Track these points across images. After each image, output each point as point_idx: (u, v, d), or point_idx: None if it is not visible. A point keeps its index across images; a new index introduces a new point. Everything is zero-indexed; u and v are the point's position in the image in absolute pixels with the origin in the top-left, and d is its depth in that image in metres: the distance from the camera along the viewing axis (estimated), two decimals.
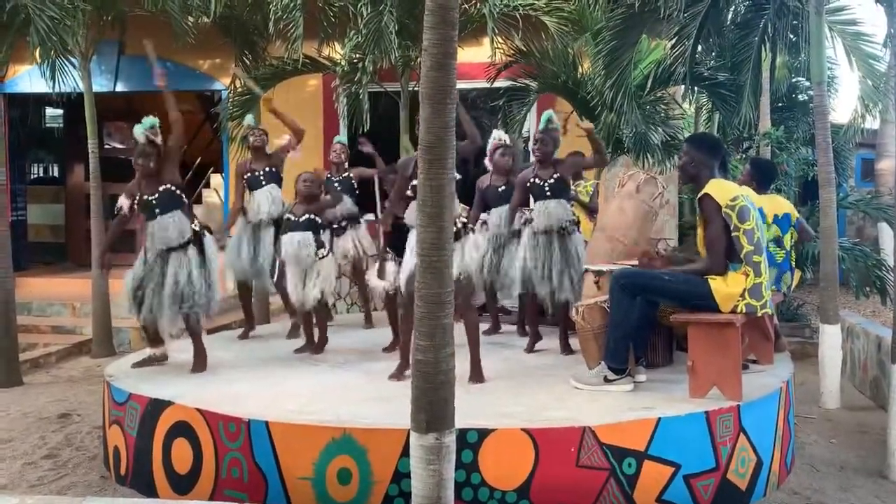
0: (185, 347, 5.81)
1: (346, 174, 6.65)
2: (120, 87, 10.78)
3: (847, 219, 13.61)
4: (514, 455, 3.76)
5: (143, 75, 10.65)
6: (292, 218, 5.41)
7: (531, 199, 5.68)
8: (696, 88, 8.32)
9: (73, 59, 7.58)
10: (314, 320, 5.62)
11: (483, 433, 3.75)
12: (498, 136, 5.91)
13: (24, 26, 6.48)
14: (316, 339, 5.61)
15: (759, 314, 4.24)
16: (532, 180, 5.46)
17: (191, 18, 8.14)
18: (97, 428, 5.72)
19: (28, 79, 10.49)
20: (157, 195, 5.00)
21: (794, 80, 11.77)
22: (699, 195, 4.21)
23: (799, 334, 8.41)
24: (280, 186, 6.31)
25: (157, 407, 4.34)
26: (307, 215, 5.40)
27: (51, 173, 15.13)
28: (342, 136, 7.41)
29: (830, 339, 6.25)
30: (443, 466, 3.30)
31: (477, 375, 4.65)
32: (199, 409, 4.14)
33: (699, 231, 4.31)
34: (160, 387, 4.59)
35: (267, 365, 5.29)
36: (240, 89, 8.15)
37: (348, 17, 7.49)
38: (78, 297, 9.68)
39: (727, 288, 4.14)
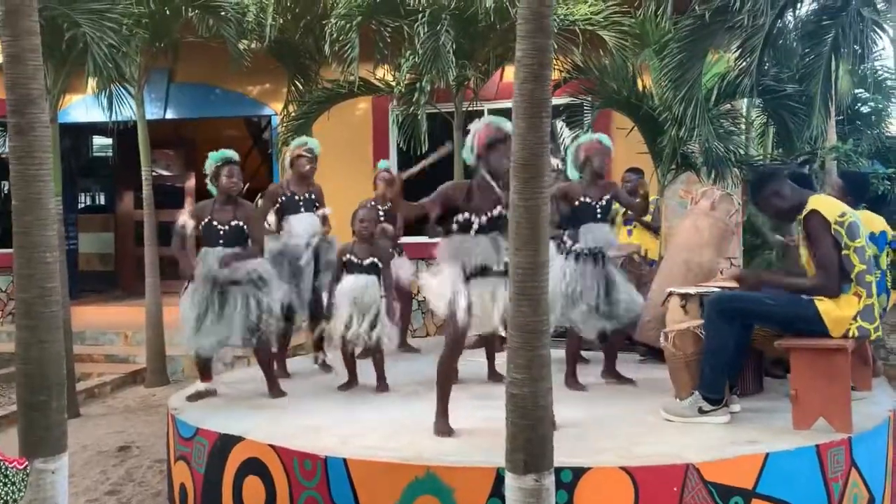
0: (239, 379, 5.68)
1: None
2: (170, 115, 10.79)
3: None
4: (613, 496, 3.49)
5: (192, 102, 10.73)
6: (354, 260, 5.16)
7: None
8: (760, 101, 8.04)
9: (127, 87, 7.55)
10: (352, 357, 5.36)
11: (578, 472, 3.48)
12: (595, 137, 5.40)
13: (81, 55, 6.44)
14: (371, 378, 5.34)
15: (873, 338, 3.93)
16: (582, 199, 5.12)
17: (243, 43, 8.07)
18: (158, 462, 5.57)
19: (80, 108, 10.54)
20: (228, 226, 4.91)
21: (855, 91, 11.39)
22: (805, 213, 3.92)
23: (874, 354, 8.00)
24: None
25: (226, 442, 4.14)
26: (371, 258, 5.16)
27: (98, 202, 15.25)
28: (386, 162, 7.20)
29: None
30: None
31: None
32: (272, 445, 3.94)
33: (803, 252, 4.01)
34: (229, 421, 4.40)
35: (335, 396, 5.08)
36: (294, 112, 8.03)
37: (403, 38, 7.35)
38: (130, 326, 9.63)
39: (838, 311, 3.83)
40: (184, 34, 8.20)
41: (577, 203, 5.07)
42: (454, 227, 4.07)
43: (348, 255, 5.16)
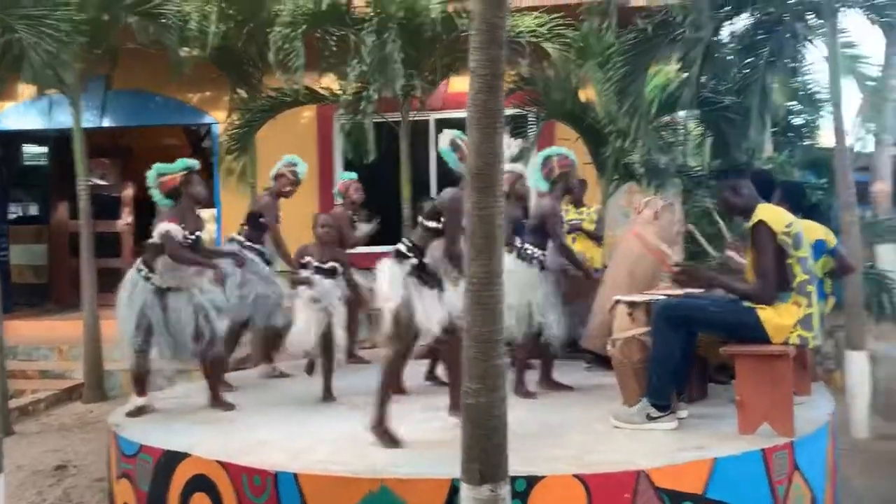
0: (181, 394, 5.56)
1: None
2: (107, 123, 10.50)
3: None
4: (566, 503, 3.50)
5: (130, 110, 10.47)
6: (314, 262, 5.13)
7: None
8: (698, 113, 8.23)
9: (65, 94, 7.33)
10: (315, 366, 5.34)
11: (532, 480, 3.49)
12: (562, 151, 5.50)
13: (16, 62, 6.23)
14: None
15: (811, 346, 4.04)
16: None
17: (184, 51, 7.92)
18: (98, 481, 5.40)
19: (12, 116, 10.19)
20: (197, 234, 4.83)
21: (788, 104, 11.72)
22: (753, 222, 4.01)
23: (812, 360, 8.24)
24: None
25: (172, 459, 4.03)
26: (333, 262, 5.14)
27: (31, 212, 14.75)
28: (350, 173, 7.14)
29: (857, 366, 6.10)
30: None
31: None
32: (219, 461, 3.84)
33: (748, 259, 4.11)
34: (173, 436, 4.29)
35: (280, 409, 5.00)
36: (237, 121, 7.91)
37: (349, 47, 7.32)
38: (65, 340, 9.31)
39: (779, 318, 3.93)
40: (123, 41, 8.00)
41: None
42: None
43: (307, 258, 5.13)
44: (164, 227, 4.81)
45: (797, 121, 11.70)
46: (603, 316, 5.51)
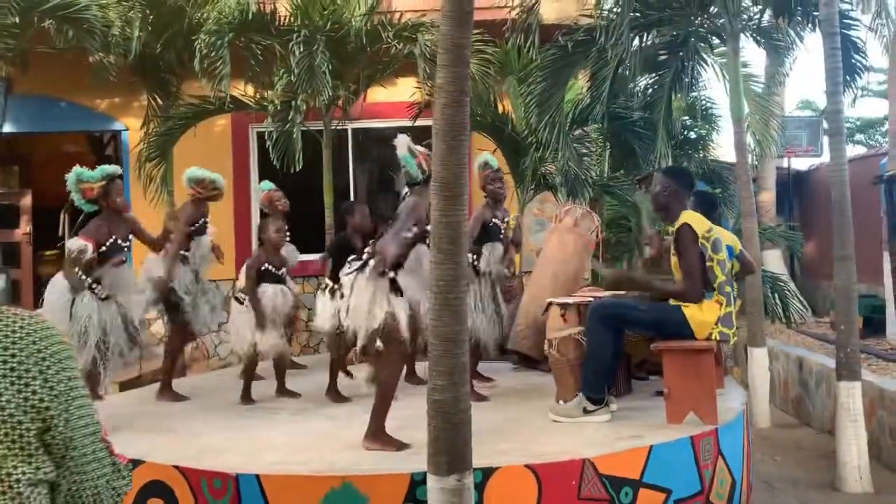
0: (120, 403, 5.49)
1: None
2: (6, 129, 10.07)
3: None
4: (519, 492, 3.72)
5: (33, 116, 10.08)
6: (272, 269, 5.18)
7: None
8: (599, 125, 8.68)
9: None
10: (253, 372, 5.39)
11: (487, 472, 3.69)
12: (487, 159, 5.60)
13: None
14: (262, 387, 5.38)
15: (732, 342, 4.42)
16: (493, 221, 5.44)
17: (98, 56, 7.74)
18: None
19: None
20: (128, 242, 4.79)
21: (684, 118, 12.47)
22: (678, 225, 4.37)
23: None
24: None
25: None
26: (283, 268, 5.22)
27: None
28: (269, 183, 7.12)
29: (759, 361, 6.61)
30: None
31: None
32: (176, 466, 3.87)
33: (674, 260, 4.47)
34: (122, 445, 4.22)
35: (224, 416, 5.02)
36: (156, 128, 7.80)
37: (274, 56, 7.36)
38: None
39: (702, 316, 4.30)
40: (33, 44, 7.76)
41: (491, 224, 5.36)
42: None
43: (266, 265, 5.17)
44: (73, 245, 4.75)
45: (692, 134, 12.48)
46: (529, 318, 5.81)
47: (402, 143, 4.29)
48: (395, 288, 4.10)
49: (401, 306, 4.04)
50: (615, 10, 6.31)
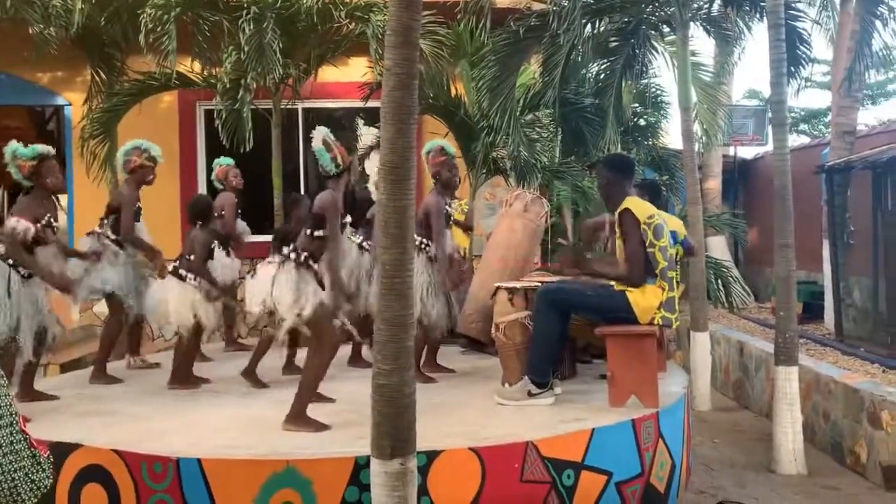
0: (53, 387, 5.37)
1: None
2: None
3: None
4: (463, 475, 3.75)
5: None
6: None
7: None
8: (551, 111, 8.72)
9: None
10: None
11: (431, 455, 3.71)
12: (440, 145, 5.52)
13: None
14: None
15: (674, 327, 4.50)
16: (446, 208, 5.42)
17: (38, 27, 7.48)
18: None
19: None
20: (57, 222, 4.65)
21: (633, 106, 12.59)
22: (620, 209, 4.43)
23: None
24: None
25: (61, 451, 3.90)
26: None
27: None
28: (227, 158, 6.97)
29: (701, 345, 6.74)
30: (408, 492, 3.26)
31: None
32: (115, 450, 3.80)
33: (619, 244, 4.52)
34: (59, 429, 4.17)
35: (165, 399, 4.94)
36: (101, 104, 7.59)
37: (222, 32, 7.21)
38: None
39: (645, 301, 4.37)
40: None
41: (443, 211, 5.33)
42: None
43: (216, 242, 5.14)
44: (12, 225, 4.60)
45: (641, 122, 12.62)
46: (478, 303, 5.84)
47: (318, 135, 4.30)
48: (322, 283, 4.18)
49: (326, 296, 4.09)
50: None
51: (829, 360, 6.52)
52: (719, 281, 8.27)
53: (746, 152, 15.09)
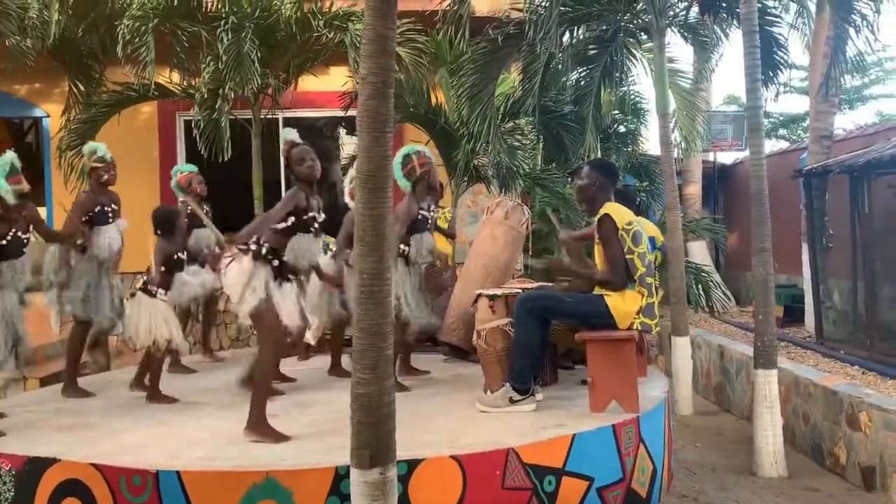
0: (34, 400, 5.32)
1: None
2: None
3: None
4: (444, 483, 3.75)
5: None
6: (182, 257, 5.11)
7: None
8: (534, 119, 8.76)
9: None
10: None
11: (412, 464, 3.71)
12: (419, 149, 5.52)
13: None
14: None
15: (654, 332, 4.52)
16: (421, 212, 5.43)
17: (14, 39, 7.44)
18: None
19: None
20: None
21: (613, 113, 12.66)
22: (599, 215, 4.45)
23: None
24: None
25: (38, 466, 3.89)
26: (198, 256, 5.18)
27: None
28: (190, 165, 6.94)
29: (682, 350, 6.77)
30: (388, 502, 3.24)
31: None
32: (94, 464, 3.77)
33: (597, 249, 4.54)
34: (35, 443, 4.13)
35: (144, 411, 4.91)
36: (79, 115, 7.54)
37: (201, 43, 7.20)
38: None
39: (624, 306, 4.39)
40: None
41: (419, 216, 5.33)
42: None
43: (178, 255, 5.08)
44: None
45: (621, 129, 12.70)
46: (460, 310, 5.84)
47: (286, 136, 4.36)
48: (283, 275, 4.21)
49: (285, 293, 4.09)
50: (544, 4, 6.36)
51: (810, 363, 6.57)
52: (699, 286, 8.32)
53: (726, 157, 15.23)
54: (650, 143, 13.70)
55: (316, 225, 4.42)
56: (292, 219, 4.28)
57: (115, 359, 7.92)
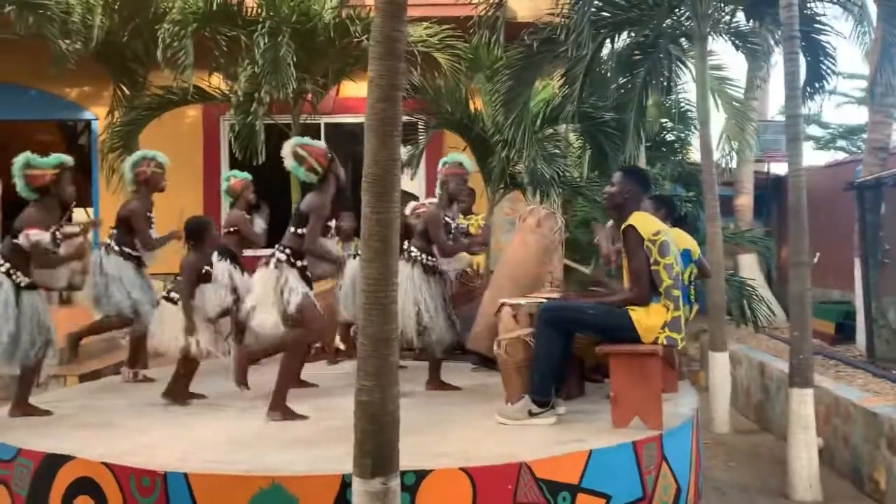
0: (59, 398, 5.40)
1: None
2: None
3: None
4: (453, 496, 3.66)
5: (1, 103, 9.95)
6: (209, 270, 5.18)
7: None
8: (579, 126, 8.63)
9: None
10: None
11: (421, 475, 3.63)
12: (458, 159, 5.48)
13: None
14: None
15: (680, 347, 4.37)
16: (446, 220, 5.37)
17: (65, 43, 7.62)
18: None
19: None
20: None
21: (661, 121, 12.42)
22: (624, 226, 4.32)
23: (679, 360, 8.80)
24: None
25: (53, 463, 3.93)
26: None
27: None
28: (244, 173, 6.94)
29: (720, 366, 6.56)
30: None
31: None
32: (105, 463, 3.78)
33: (623, 262, 4.41)
34: (54, 440, 4.18)
35: (170, 412, 4.94)
36: (121, 118, 7.69)
37: (240, 47, 7.27)
38: None
39: (649, 320, 4.24)
40: None
41: (443, 223, 5.29)
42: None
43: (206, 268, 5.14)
44: (35, 237, 4.61)
45: (670, 137, 12.44)
46: (488, 319, 5.74)
47: (287, 151, 4.36)
48: (304, 277, 4.36)
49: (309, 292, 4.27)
50: (576, 8, 6.25)
51: (859, 383, 6.29)
52: (744, 300, 8.06)
53: (780, 168, 14.82)
54: (699, 152, 13.40)
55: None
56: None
57: (152, 359, 8.01)
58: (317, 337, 4.45)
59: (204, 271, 5.06)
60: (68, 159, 4.90)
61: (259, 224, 6.19)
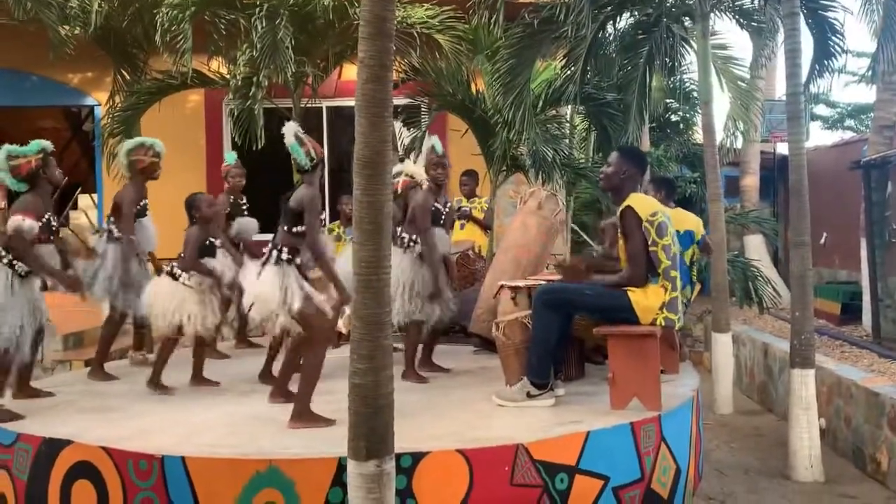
0: (62, 382, 5.42)
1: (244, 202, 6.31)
2: None
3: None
4: (450, 478, 3.66)
5: (5, 89, 9.95)
6: (217, 243, 5.14)
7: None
8: (583, 108, 8.56)
9: None
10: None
11: (417, 457, 3.63)
12: (433, 143, 5.43)
13: None
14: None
15: (677, 328, 4.35)
16: (435, 206, 5.34)
17: (64, 29, 7.60)
18: None
19: None
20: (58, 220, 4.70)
21: (666, 101, 12.34)
22: (622, 207, 4.28)
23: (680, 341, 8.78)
24: None
25: (53, 447, 3.95)
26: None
27: None
28: (233, 155, 6.98)
29: (722, 347, 6.54)
30: (384, 494, 3.19)
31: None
32: (103, 447, 3.80)
33: (620, 243, 4.38)
34: (53, 425, 4.20)
35: (164, 397, 4.94)
36: (121, 103, 7.68)
37: (239, 31, 7.23)
38: None
39: (647, 301, 4.22)
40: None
41: (433, 209, 5.24)
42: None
43: (211, 239, 5.11)
44: (18, 223, 4.56)
45: (674, 118, 12.37)
46: (489, 301, 5.73)
47: (290, 130, 4.30)
48: (303, 273, 4.21)
49: (312, 291, 4.09)
50: None
51: (865, 363, 6.26)
52: (748, 280, 8.01)
53: (787, 148, 14.69)
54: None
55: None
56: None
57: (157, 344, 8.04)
58: (328, 338, 4.33)
59: (208, 243, 5.08)
60: (48, 144, 4.85)
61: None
